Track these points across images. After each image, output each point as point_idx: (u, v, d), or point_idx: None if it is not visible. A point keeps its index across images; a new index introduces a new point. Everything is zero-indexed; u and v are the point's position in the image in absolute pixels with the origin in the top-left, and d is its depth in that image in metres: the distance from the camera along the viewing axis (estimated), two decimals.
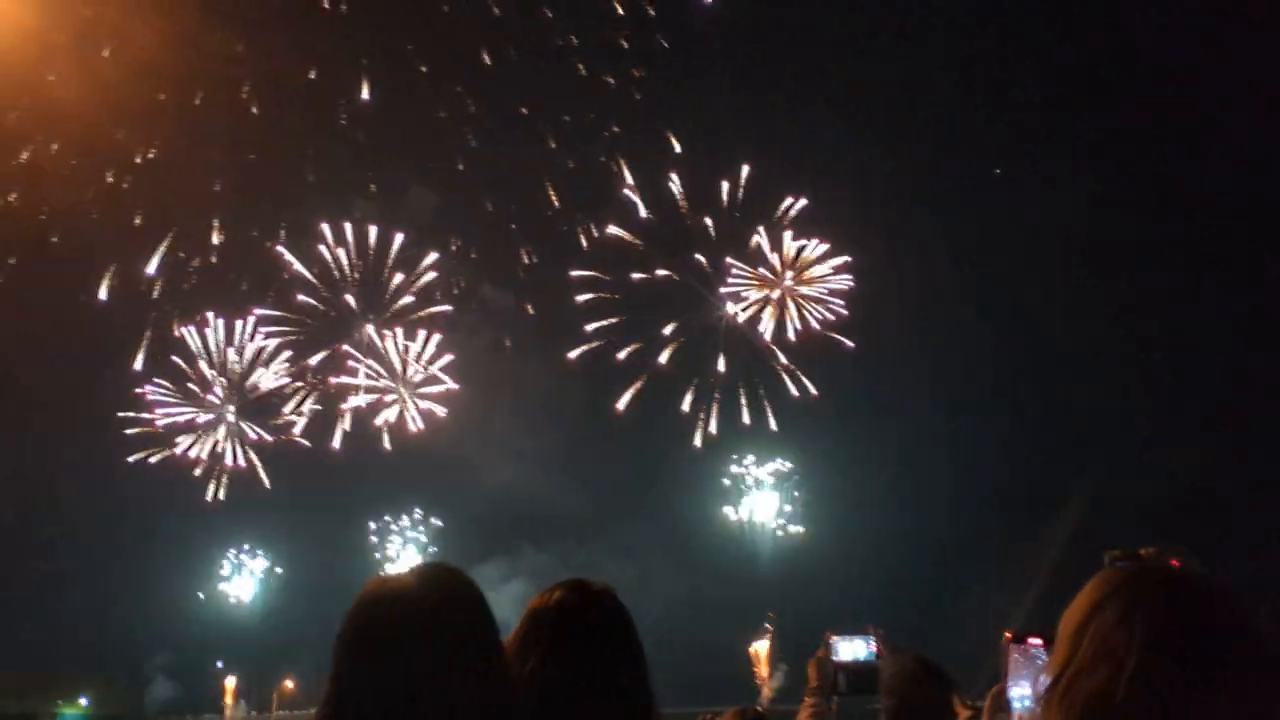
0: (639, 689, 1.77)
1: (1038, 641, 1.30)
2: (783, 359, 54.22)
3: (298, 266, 53.09)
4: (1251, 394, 43.93)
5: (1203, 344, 44.80)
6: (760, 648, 52.36)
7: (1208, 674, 1.00)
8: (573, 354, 53.12)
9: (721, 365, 55.19)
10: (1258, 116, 41.03)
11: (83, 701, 60.64)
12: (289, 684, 61.47)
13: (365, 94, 47.26)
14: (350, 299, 56.47)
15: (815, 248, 51.30)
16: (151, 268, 50.81)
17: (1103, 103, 47.32)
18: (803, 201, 50.49)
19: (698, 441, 59.72)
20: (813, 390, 56.41)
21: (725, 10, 47.48)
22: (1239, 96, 41.73)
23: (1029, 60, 49.79)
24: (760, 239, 51.29)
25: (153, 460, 56.54)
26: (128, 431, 56.38)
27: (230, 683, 63.02)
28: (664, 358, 55.71)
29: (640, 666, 1.81)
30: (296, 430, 55.85)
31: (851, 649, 3.18)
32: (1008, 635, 1.58)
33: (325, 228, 51.86)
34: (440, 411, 54.92)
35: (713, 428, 56.60)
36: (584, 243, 53.50)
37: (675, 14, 47.40)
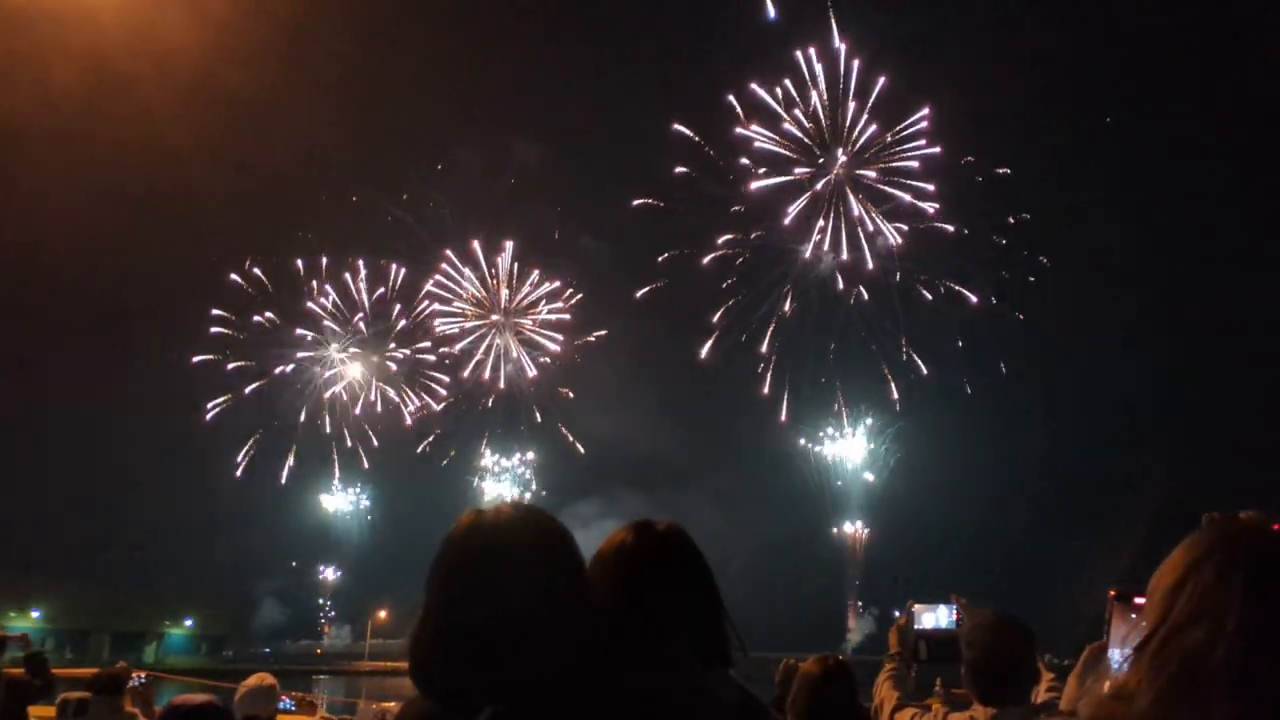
0: (711, 624, 1.73)
1: (1142, 601, 1.23)
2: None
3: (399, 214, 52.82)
4: None
5: None
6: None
7: None
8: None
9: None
10: None
11: (187, 623, 62.13)
12: (382, 614, 61.96)
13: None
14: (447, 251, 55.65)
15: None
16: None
17: None
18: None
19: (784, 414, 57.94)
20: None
21: None
22: None
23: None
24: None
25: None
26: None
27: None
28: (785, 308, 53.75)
29: (710, 599, 1.76)
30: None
31: (934, 617, 3.29)
32: (1112, 592, 1.55)
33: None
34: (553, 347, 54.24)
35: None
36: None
37: None
